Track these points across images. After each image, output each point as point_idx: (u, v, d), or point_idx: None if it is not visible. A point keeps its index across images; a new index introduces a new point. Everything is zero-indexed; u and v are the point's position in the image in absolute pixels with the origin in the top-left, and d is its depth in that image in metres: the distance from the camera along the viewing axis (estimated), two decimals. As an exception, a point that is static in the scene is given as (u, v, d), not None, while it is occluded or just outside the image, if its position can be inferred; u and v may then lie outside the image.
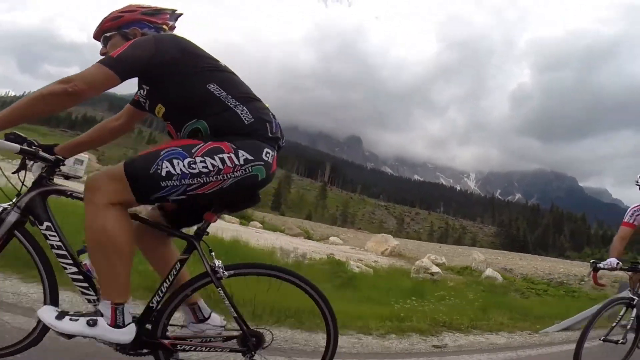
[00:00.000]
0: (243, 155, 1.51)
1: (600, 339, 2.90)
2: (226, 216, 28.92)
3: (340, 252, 15.12)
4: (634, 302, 2.99)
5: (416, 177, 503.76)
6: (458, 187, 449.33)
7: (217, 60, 1.69)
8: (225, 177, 1.51)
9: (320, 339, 2.37)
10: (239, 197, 1.66)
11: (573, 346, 2.91)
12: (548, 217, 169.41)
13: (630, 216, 3.54)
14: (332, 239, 24.64)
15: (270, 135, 1.60)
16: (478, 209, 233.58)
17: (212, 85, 1.58)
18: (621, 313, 2.95)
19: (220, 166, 1.49)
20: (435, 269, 11.53)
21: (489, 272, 13.16)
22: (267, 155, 1.57)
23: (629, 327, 2.97)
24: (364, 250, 19.74)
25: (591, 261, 3.23)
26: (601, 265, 3.12)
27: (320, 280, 6.25)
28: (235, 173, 1.51)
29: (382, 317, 4.26)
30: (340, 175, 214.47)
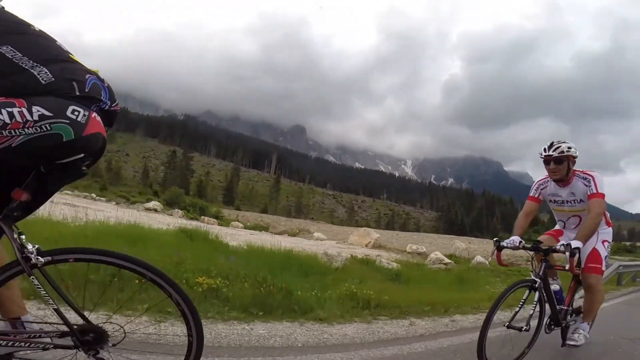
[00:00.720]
0: (38, 111, 1.33)
1: (504, 325, 2.74)
2: (205, 217, 28.67)
3: (332, 247, 15.54)
4: (536, 285, 2.87)
5: (357, 164, 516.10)
6: (397, 174, 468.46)
7: (25, 25, 1.54)
8: (13, 134, 1.31)
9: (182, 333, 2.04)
10: (45, 163, 1.47)
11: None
12: (481, 201, 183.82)
13: (535, 190, 3.48)
14: (316, 234, 25.61)
15: (78, 93, 1.43)
16: (416, 194, 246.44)
17: (4, 47, 1.41)
18: (524, 297, 2.84)
19: (7, 120, 1.30)
20: (446, 260, 13.26)
21: (478, 258, 14.68)
22: (76, 113, 1.39)
23: (532, 312, 2.83)
24: (349, 244, 20.93)
25: (494, 239, 3.17)
26: (504, 243, 3.04)
27: (381, 279, 7.46)
28: (26, 129, 1.32)
29: (478, 300, 5.62)
30: (286, 166, 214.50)
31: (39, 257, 1.47)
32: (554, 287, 3.24)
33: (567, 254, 2.81)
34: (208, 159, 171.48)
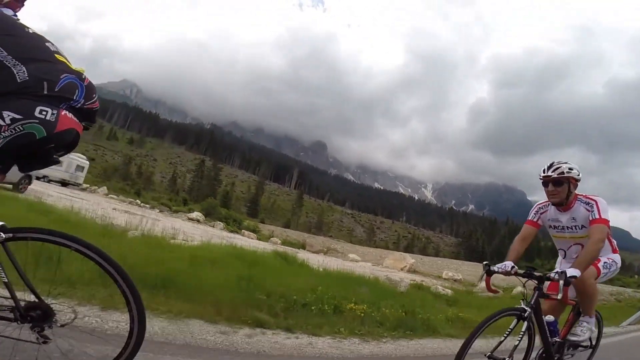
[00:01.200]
0: (9, 115, 1.48)
1: (486, 355, 2.58)
2: (245, 231, 29.62)
3: (376, 270, 16.24)
4: (525, 314, 2.68)
5: (377, 185, 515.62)
6: (416, 197, 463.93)
7: (19, 26, 1.68)
8: None
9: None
10: (24, 156, 1.65)
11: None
12: (504, 229, 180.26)
13: (534, 214, 3.28)
14: (351, 255, 26.07)
15: (46, 93, 1.55)
16: (435, 218, 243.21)
17: None
18: (511, 326, 2.67)
19: None
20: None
21: (519, 289, 15.27)
22: (43, 113, 1.52)
23: (517, 343, 2.63)
24: (385, 267, 21.45)
25: (484, 263, 2.93)
26: (495, 268, 2.85)
27: (441, 303, 7.94)
28: (2, 134, 1.48)
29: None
30: (306, 182, 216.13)
31: (1, 233, 1.61)
32: (548, 318, 3.01)
33: (561, 282, 2.59)
34: (232, 170, 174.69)
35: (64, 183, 29.03)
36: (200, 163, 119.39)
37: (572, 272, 2.62)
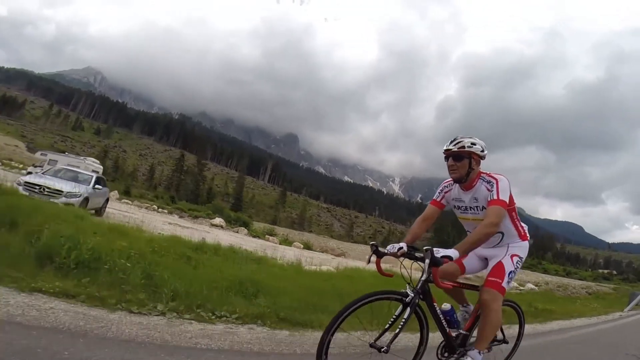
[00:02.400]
0: None
1: (369, 343, 2.40)
2: (269, 237, 29.68)
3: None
4: (407, 300, 2.44)
5: (347, 178, 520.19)
6: (385, 191, 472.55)
7: None
8: None
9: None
10: None
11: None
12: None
13: (438, 193, 3.02)
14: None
15: None
16: (403, 212, 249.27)
17: None
18: (396, 313, 2.44)
19: None
20: (526, 286, 17.04)
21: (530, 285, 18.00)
22: None
23: (397, 332, 2.39)
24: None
25: (371, 243, 2.70)
26: (386, 249, 2.60)
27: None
28: None
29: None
30: (280, 175, 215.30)
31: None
32: (444, 306, 2.80)
33: (427, 261, 2.39)
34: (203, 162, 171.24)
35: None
36: (180, 158, 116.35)
37: (445, 251, 2.37)
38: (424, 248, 2.40)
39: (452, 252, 2.37)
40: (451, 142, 2.82)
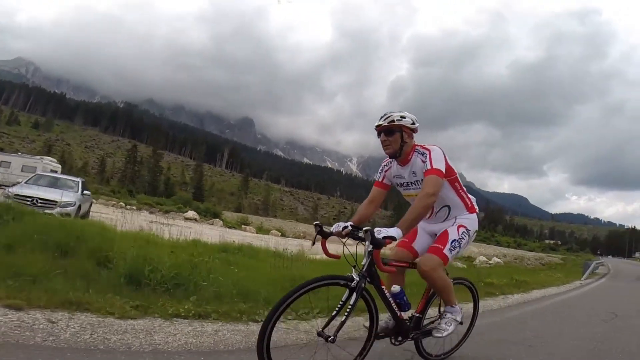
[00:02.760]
0: None
1: (316, 331, 2.24)
2: (245, 226, 29.01)
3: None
4: (353, 285, 2.27)
5: (306, 160, 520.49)
6: (343, 171, 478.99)
7: None
8: None
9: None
10: None
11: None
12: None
13: (379, 173, 2.93)
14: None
15: None
16: (362, 191, 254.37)
17: None
18: (343, 299, 2.28)
19: None
20: (494, 259, 18.99)
21: (481, 258, 20.83)
22: None
23: (343, 319, 2.22)
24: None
25: (315, 223, 2.56)
26: (331, 229, 2.48)
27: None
28: None
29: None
30: (237, 160, 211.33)
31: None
32: (394, 288, 2.61)
33: (367, 244, 2.27)
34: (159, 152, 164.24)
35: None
36: (133, 148, 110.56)
37: (387, 231, 2.25)
38: (364, 229, 2.28)
39: (395, 232, 2.27)
40: (381, 117, 2.74)
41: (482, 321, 4.17)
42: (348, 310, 2.24)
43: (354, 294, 2.26)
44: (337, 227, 2.46)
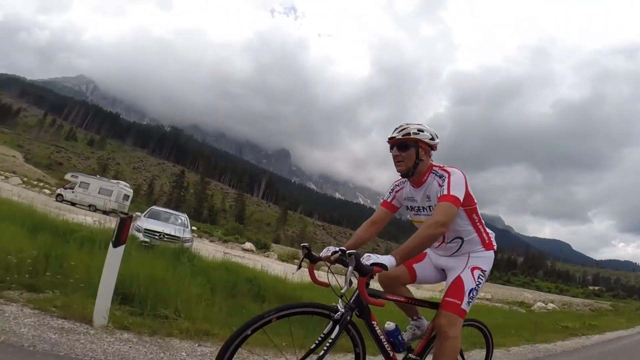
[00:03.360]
0: None
1: None
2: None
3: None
4: (336, 317, 2.00)
5: (338, 195, 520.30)
6: (375, 208, 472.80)
7: None
8: None
9: None
10: None
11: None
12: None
13: (389, 193, 2.60)
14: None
15: None
16: (394, 230, 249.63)
17: None
18: (325, 331, 2.00)
19: None
20: (550, 305, 18.18)
21: (539, 304, 20.06)
22: None
23: (321, 354, 1.93)
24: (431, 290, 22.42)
25: (302, 245, 2.23)
26: (322, 254, 2.19)
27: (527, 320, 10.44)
28: None
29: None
30: (273, 191, 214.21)
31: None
32: (388, 325, 2.36)
33: (350, 269, 1.90)
34: (195, 176, 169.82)
35: (105, 212, 26.94)
36: (181, 174, 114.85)
37: (377, 257, 1.93)
38: (347, 252, 1.93)
39: (387, 260, 1.92)
40: (395, 129, 2.42)
41: (587, 353, 6.81)
42: (327, 345, 1.93)
43: (337, 327, 1.96)
44: (327, 251, 2.16)
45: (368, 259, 1.91)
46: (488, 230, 2.57)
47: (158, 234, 10.53)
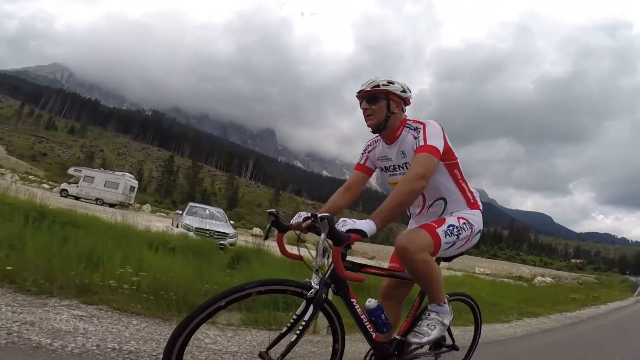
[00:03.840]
0: None
1: (259, 351, 1.66)
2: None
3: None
4: (309, 295, 1.69)
5: (325, 172, 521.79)
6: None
7: None
8: None
9: None
10: None
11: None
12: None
13: (362, 155, 2.32)
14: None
15: None
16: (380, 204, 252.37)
17: None
18: (297, 312, 1.70)
19: None
20: (548, 279, 18.59)
21: (539, 278, 21.02)
22: None
23: (293, 339, 1.64)
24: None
25: (269, 211, 1.91)
26: (292, 220, 1.91)
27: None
28: None
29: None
30: (261, 171, 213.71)
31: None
32: (369, 303, 2.00)
33: (323, 237, 1.58)
34: (183, 160, 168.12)
35: (111, 204, 27.20)
36: (170, 159, 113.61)
37: (354, 223, 1.63)
38: (319, 216, 1.60)
39: (366, 225, 1.63)
40: (364, 83, 2.18)
41: (616, 316, 9.13)
42: (301, 327, 1.66)
43: (311, 307, 1.69)
44: (298, 217, 1.95)
45: (344, 224, 1.61)
46: (473, 189, 2.28)
47: (208, 232, 10.88)
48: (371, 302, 2.00)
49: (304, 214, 1.91)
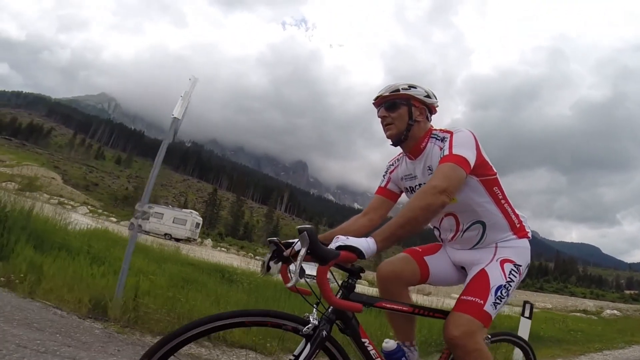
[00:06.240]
0: None
1: None
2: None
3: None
4: (305, 331, 1.40)
5: (357, 205, 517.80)
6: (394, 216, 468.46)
7: None
8: None
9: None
10: None
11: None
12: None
13: (383, 177, 2.06)
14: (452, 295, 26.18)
15: None
16: (417, 239, 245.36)
17: None
18: (296, 351, 1.44)
19: None
20: (617, 312, 18.15)
21: (608, 311, 19.41)
22: None
23: None
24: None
25: (269, 240, 1.68)
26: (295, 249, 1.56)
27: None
28: None
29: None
30: (295, 204, 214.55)
31: None
32: (387, 344, 1.80)
33: (302, 252, 1.31)
34: (221, 192, 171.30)
35: (177, 239, 27.60)
36: (214, 192, 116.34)
37: (348, 241, 1.33)
38: (298, 227, 1.32)
39: (364, 243, 1.33)
40: (383, 88, 1.89)
41: None
42: None
43: (308, 345, 1.39)
44: (296, 245, 1.56)
45: (335, 240, 1.34)
46: (518, 211, 1.90)
47: (311, 277, 10.23)
48: (389, 343, 1.77)
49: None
